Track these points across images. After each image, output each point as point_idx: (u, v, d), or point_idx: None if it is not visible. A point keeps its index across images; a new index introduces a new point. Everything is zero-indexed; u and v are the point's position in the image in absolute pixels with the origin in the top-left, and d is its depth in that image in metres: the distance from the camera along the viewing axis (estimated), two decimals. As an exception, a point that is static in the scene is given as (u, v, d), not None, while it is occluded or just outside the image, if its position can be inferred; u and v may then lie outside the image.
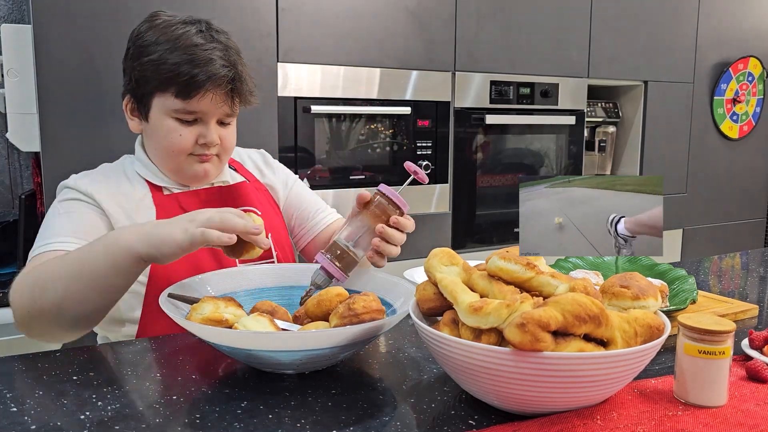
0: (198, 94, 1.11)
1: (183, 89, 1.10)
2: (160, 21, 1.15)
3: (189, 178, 1.21)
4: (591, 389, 0.72)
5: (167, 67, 1.10)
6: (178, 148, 1.15)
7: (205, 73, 1.10)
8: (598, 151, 3.06)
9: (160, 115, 1.15)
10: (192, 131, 1.15)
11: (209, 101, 1.13)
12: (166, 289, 0.97)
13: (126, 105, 1.20)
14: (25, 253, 1.87)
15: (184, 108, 1.13)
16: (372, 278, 1.08)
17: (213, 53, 1.12)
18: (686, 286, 1.15)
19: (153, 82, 1.12)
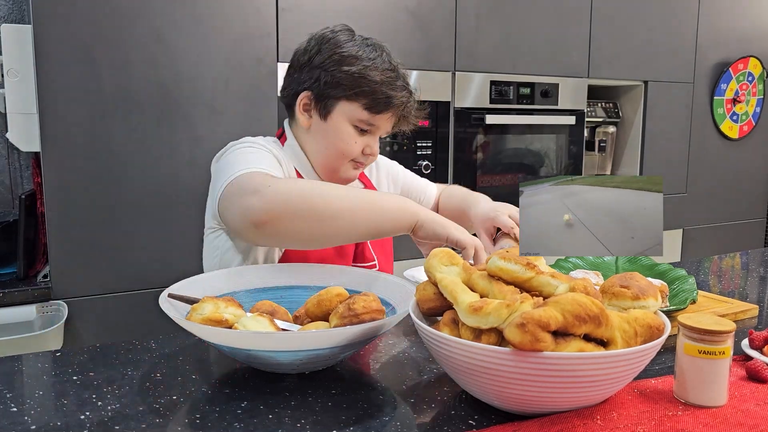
0: (385, 113, 1.25)
1: (375, 105, 1.23)
2: (356, 37, 1.27)
3: (339, 180, 1.30)
4: (591, 389, 0.72)
5: (367, 82, 1.22)
6: (349, 152, 1.26)
7: (398, 97, 1.24)
8: (598, 151, 3.06)
9: (342, 120, 1.25)
10: (363, 140, 1.27)
11: (387, 120, 1.27)
12: (166, 290, 0.97)
13: (301, 100, 1.27)
14: (25, 253, 1.87)
15: (368, 120, 1.25)
16: (372, 278, 1.08)
17: (401, 80, 1.27)
18: (686, 286, 1.15)
19: (347, 90, 1.22)
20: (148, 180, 1.92)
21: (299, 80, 1.28)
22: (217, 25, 1.96)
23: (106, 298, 1.90)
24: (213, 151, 1.98)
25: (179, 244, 1.98)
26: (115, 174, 1.88)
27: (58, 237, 1.82)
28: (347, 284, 1.07)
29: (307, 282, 1.11)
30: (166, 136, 1.93)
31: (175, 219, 1.97)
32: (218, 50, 1.98)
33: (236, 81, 2.02)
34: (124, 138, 1.88)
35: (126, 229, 1.90)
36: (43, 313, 1.83)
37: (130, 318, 1.92)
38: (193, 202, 1.99)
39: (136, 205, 1.91)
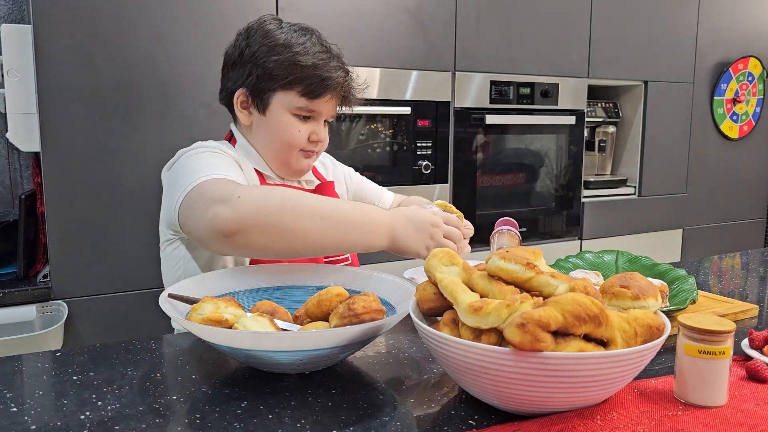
0: (323, 97, 1.22)
1: (311, 90, 1.20)
2: (284, 25, 1.26)
3: (293, 172, 1.29)
4: (591, 389, 0.72)
5: (299, 68, 1.19)
6: (294, 142, 1.24)
7: (334, 79, 1.21)
8: (598, 151, 3.06)
9: (281, 110, 1.23)
10: (307, 128, 1.24)
11: (327, 103, 1.24)
12: (166, 290, 0.97)
13: (237, 97, 1.25)
14: (25, 253, 1.87)
15: (307, 106, 1.22)
16: (372, 278, 1.08)
17: (334, 61, 1.24)
18: (686, 286, 1.15)
19: (280, 80, 1.20)
20: (148, 180, 1.92)
21: (233, 78, 1.25)
22: (217, 25, 1.96)
23: (106, 298, 1.90)
24: (213, 151, 1.99)
25: (179, 244, 1.98)
26: (115, 174, 1.88)
27: (58, 237, 1.82)
28: (347, 284, 1.07)
29: (307, 282, 1.11)
30: (166, 136, 1.93)
31: (175, 219, 1.97)
32: (218, 50, 1.97)
33: (236, 81, 2.02)
34: (124, 138, 1.88)
35: (126, 229, 1.90)
36: (43, 313, 1.83)
37: (130, 318, 1.92)
38: (193, 202, 1.99)
39: (136, 205, 1.91)
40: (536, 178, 2.73)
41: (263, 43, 1.22)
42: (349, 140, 2.27)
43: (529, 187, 2.71)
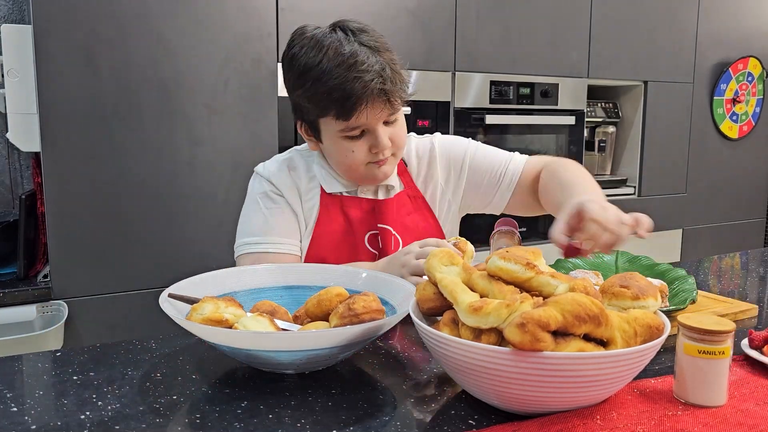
0: (357, 111, 1.15)
1: (342, 112, 1.15)
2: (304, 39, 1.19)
3: (369, 182, 1.27)
4: (591, 389, 0.72)
5: (320, 97, 1.15)
6: (353, 163, 1.21)
7: (356, 91, 1.13)
8: (598, 151, 3.06)
9: (331, 137, 1.20)
10: (363, 144, 1.20)
11: (368, 113, 1.16)
12: (166, 290, 0.97)
13: (300, 126, 1.26)
14: (25, 252, 1.87)
15: (348, 126, 1.17)
16: (372, 278, 1.08)
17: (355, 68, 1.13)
18: (686, 286, 1.15)
19: (313, 110, 1.18)
20: (148, 180, 1.92)
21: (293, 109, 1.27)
22: (217, 25, 1.97)
23: (106, 298, 1.90)
24: (213, 151, 1.99)
25: (179, 244, 1.98)
26: (115, 174, 1.88)
27: (58, 237, 1.82)
28: (347, 284, 1.07)
29: (307, 282, 1.11)
30: (166, 136, 1.93)
31: (175, 219, 1.97)
32: (218, 50, 1.98)
33: (236, 81, 2.02)
34: (124, 138, 1.88)
35: (126, 229, 1.90)
36: (43, 313, 1.83)
37: (130, 318, 1.92)
38: (193, 202, 1.99)
39: (136, 205, 1.91)
40: (536, 178, 2.73)
41: (290, 72, 1.20)
42: (349, 140, 2.27)
43: (529, 187, 2.71)
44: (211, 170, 2.00)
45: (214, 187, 2.01)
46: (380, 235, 1.28)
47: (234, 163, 2.03)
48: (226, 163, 2.02)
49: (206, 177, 2.00)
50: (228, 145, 2.03)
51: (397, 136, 1.22)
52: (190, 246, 1.99)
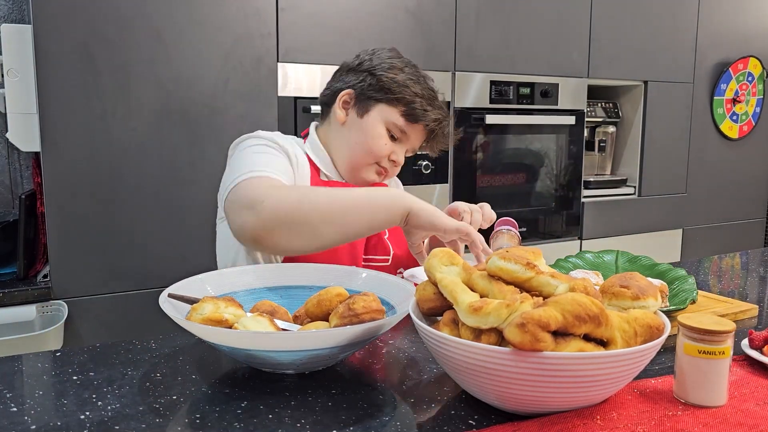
0: (419, 125, 1.32)
1: (412, 114, 1.31)
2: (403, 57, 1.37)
3: (357, 179, 1.35)
4: (591, 389, 0.72)
5: (410, 91, 1.30)
6: (378, 151, 1.31)
7: (434, 113, 1.33)
8: (598, 151, 3.06)
9: (378, 120, 1.31)
10: (392, 146, 1.33)
11: (417, 132, 1.34)
12: (166, 290, 0.97)
13: (342, 97, 1.34)
14: (25, 252, 1.87)
15: (402, 127, 1.32)
16: (372, 278, 1.08)
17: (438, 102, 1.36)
18: (686, 286, 1.15)
19: (390, 93, 1.30)
20: (148, 180, 1.92)
21: (344, 80, 1.36)
22: (217, 25, 1.97)
23: (106, 298, 1.90)
24: (213, 151, 1.99)
25: (179, 244, 1.98)
26: (115, 174, 1.88)
27: (58, 237, 1.82)
28: (347, 284, 1.07)
29: (307, 282, 1.11)
30: (166, 136, 1.94)
31: (175, 219, 1.97)
32: (218, 50, 1.98)
33: (236, 81, 2.02)
34: (124, 138, 1.88)
35: (126, 229, 1.90)
36: (43, 313, 1.83)
37: (130, 318, 1.92)
38: (193, 202, 1.99)
39: (136, 205, 1.91)
40: (536, 178, 2.73)
41: (384, 60, 1.34)
42: (349, 140, 2.27)
43: (529, 187, 2.71)
44: (211, 170, 2.00)
45: (214, 187, 2.01)
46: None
47: (234, 163, 2.03)
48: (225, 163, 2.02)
49: (206, 177, 2.00)
50: (228, 145, 2.02)
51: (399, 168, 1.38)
52: (190, 246, 1.99)
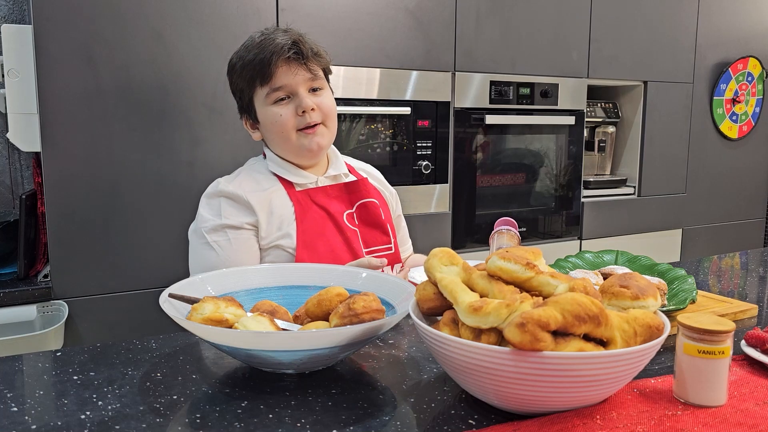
0: (273, 72, 1.30)
1: (262, 75, 1.30)
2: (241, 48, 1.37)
3: (306, 154, 1.36)
4: (591, 389, 0.72)
5: (246, 69, 1.32)
6: (284, 126, 1.33)
7: (270, 52, 1.29)
8: (597, 151, 3.06)
9: (263, 109, 1.35)
10: (289, 107, 1.33)
11: (285, 73, 1.31)
12: (166, 290, 0.97)
13: (245, 123, 1.43)
14: (25, 252, 1.87)
15: (270, 88, 1.31)
16: (372, 278, 1.08)
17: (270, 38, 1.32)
18: (686, 286, 1.15)
19: (246, 90, 1.35)
20: (148, 180, 1.92)
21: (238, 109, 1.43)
22: (217, 25, 1.97)
23: (106, 298, 1.90)
24: (213, 151, 1.99)
25: (179, 244, 1.98)
26: (115, 174, 1.88)
27: (58, 237, 1.82)
28: (347, 284, 1.07)
29: (307, 282, 1.11)
30: (166, 136, 1.94)
31: (175, 219, 1.97)
32: (218, 50, 1.98)
33: (236, 81, 2.02)
34: (124, 138, 1.88)
35: (126, 229, 1.90)
36: (43, 313, 1.83)
37: (130, 318, 1.92)
38: (193, 202, 1.99)
39: (136, 205, 1.91)
40: (536, 178, 2.73)
41: (229, 75, 1.39)
42: (349, 140, 2.27)
43: (529, 187, 2.71)
44: (211, 170, 2.00)
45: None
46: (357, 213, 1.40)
47: (234, 163, 2.02)
48: (226, 163, 2.02)
49: (206, 177, 1.99)
50: (228, 145, 2.03)
51: (323, 104, 1.35)
52: (190, 246, 1.99)
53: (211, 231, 1.30)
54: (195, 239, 1.33)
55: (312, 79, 1.33)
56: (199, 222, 1.33)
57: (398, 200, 1.60)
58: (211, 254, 1.28)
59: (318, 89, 1.35)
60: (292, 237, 1.30)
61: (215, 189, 1.35)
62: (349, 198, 1.40)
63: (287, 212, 1.32)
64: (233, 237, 1.29)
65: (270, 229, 1.31)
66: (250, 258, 1.29)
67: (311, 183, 1.39)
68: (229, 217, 1.30)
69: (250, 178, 1.37)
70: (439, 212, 2.48)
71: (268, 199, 1.33)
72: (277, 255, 1.31)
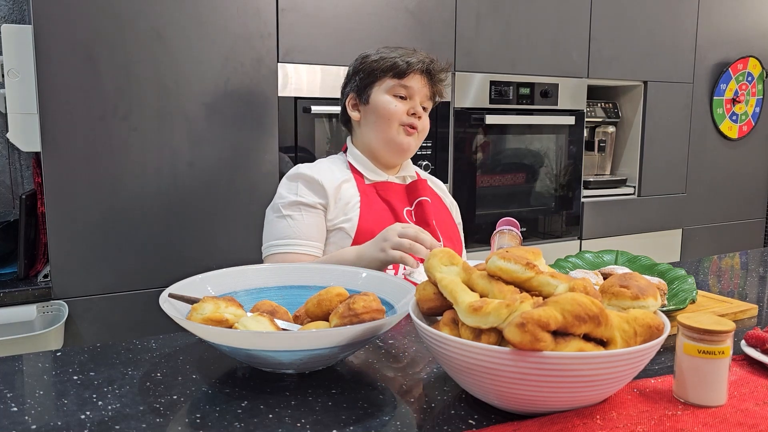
0: (409, 74, 1.48)
1: (399, 71, 1.47)
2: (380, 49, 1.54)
3: (395, 148, 1.50)
4: (591, 389, 0.72)
5: (388, 59, 1.48)
6: (394, 114, 1.48)
7: (415, 60, 1.48)
8: (597, 151, 3.06)
9: (380, 95, 1.49)
10: (403, 104, 1.49)
11: (416, 81, 1.49)
12: (166, 289, 0.97)
13: (348, 103, 1.55)
14: (25, 252, 1.87)
15: (399, 83, 1.48)
16: (372, 278, 1.08)
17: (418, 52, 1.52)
18: (686, 286, 1.15)
19: (376, 72, 1.49)
20: (148, 180, 1.92)
21: (344, 92, 1.57)
22: (217, 25, 1.97)
23: (106, 298, 1.90)
24: (213, 151, 1.99)
25: (179, 244, 1.98)
26: (115, 174, 1.88)
27: (58, 237, 1.82)
28: (347, 284, 1.07)
29: (307, 282, 1.11)
30: (166, 136, 1.94)
31: (176, 219, 1.97)
32: (218, 50, 1.98)
33: (236, 81, 2.02)
34: (124, 138, 1.88)
35: (126, 229, 1.90)
36: (43, 313, 1.83)
37: (130, 318, 1.92)
38: (193, 202, 1.99)
39: (137, 205, 1.91)
40: (536, 178, 2.73)
41: (361, 59, 1.53)
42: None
43: (529, 187, 2.71)
44: (211, 170, 2.01)
45: (214, 187, 2.01)
46: (415, 211, 1.52)
47: (234, 163, 2.03)
48: (226, 163, 2.02)
49: (206, 177, 2.00)
50: (228, 145, 2.03)
51: (425, 120, 1.53)
52: (190, 246, 1.99)
53: (287, 206, 1.45)
54: (271, 213, 1.48)
55: (429, 99, 1.52)
56: (277, 199, 1.49)
57: (458, 211, 1.72)
58: (284, 225, 1.43)
59: (426, 108, 1.53)
60: (353, 222, 1.43)
61: (296, 172, 1.49)
62: (409, 196, 1.54)
63: (354, 200, 1.46)
64: (306, 213, 1.44)
65: (336, 213, 1.45)
66: (318, 233, 1.44)
67: (381, 179, 1.53)
68: (304, 196, 1.45)
69: (327, 167, 1.51)
70: (439, 212, 2.47)
71: (339, 186, 1.46)
72: (340, 237, 1.44)
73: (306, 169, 1.49)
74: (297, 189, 1.47)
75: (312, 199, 1.45)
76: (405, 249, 1.22)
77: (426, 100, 1.52)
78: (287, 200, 1.46)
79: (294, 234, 1.42)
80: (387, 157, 1.53)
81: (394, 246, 1.22)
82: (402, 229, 1.24)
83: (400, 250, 1.22)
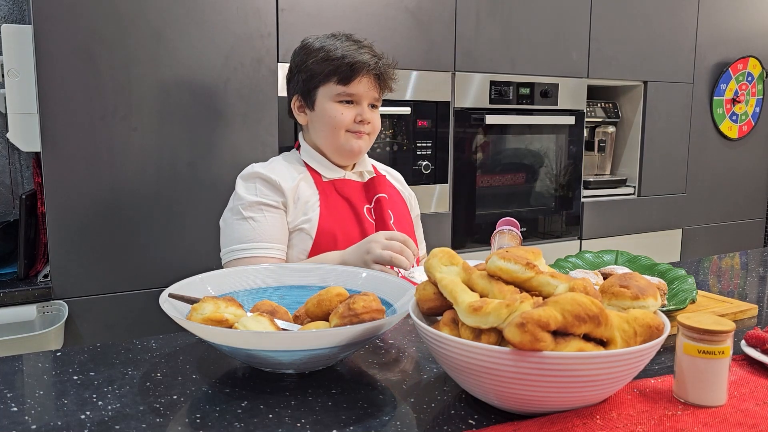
0: (356, 79, 1.42)
1: (344, 76, 1.42)
2: (319, 36, 1.48)
3: (346, 153, 1.48)
4: (591, 389, 0.72)
5: (331, 61, 1.42)
6: (340, 123, 1.44)
7: (362, 61, 1.42)
8: (597, 151, 3.06)
9: (325, 101, 1.45)
10: (351, 111, 1.45)
11: (363, 85, 1.44)
12: (166, 289, 0.97)
13: (294, 104, 1.51)
14: (25, 252, 1.87)
15: (344, 91, 1.43)
16: (372, 278, 1.08)
17: (364, 50, 1.44)
18: (686, 286, 1.15)
19: (319, 75, 1.43)
20: (148, 180, 1.92)
21: (289, 91, 1.52)
22: (218, 25, 1.97)
23: (106, 298, 1.90)
24: (213, 151, 1.99)
25: (179, 244, 1.98)
26: (115, 174, 1.88)
27: (58, 237, 1.82)
28: (347, 284, 1.07)
29: (307, 282, 1.11)
30: (166, 136, 1.94)
31: (175, 219, 1.97)
32: (218, 50, 1.98)
33: (236, 81, 2.02)
34: (124, 138, 1.88)
35: (126, 229, 1.90)
36: (43, 313, 1.83)
37: (130, 318, 1.92)
38: (193, 202, 1.99)
39: (136, 205, 1.91)
40: (536, 178, 2.73)
41: (302, 53, 1.47)
42: (349, 140, 2.27)
43: (529, 187, 2.71)
44: (211, 170, 2.01)
45: (213, 187, 2.01)
46: (374, 208, 1.50)
47: (234, 163, 2.03)
48: (225, 163, 2.02)
49: (206, 177, 2.00)
50: (228, 145, 2.03)
51: (375, 120, 1.49)
52: (190, 246, 1.99)
53: (248, 207, 1.40)
54: (230, 216, 1.43)
55: (376, 99, 1.49)
56: (236, 200, 1.43)
57: (416, 201, 1.70)
58: (246, 228, 1.39)
59: (375, 106, 1.50)
60: (313, 222, 1.41)
61: (251, 171, 1.45)
62: (368, 194, 1.51)
63: (312, 199, 1.44)
64: (267, 213, 1.40)
65: (296, 213, 1.42)
66: (280, 234, 1.40)
67: (338, 176, 1.50)
68: (265, 195, 1.41)
69: (282, 165, 1.48)
70: (439, 212, 2.48)
71: (297, 186, 1.44)
72: (301, 238, 1.41)
73: (261, 169, 1.45)
74: (256, 189, 1.42)
75: (273, 199, 1.41)
76: (386, 262, 1.22)
77: (374, 100, 1.48)
78: (247, 201, 1.41)
79: (257, 237, 1.38)
80: (338, 161, 1.51)
81: (376, 259, 1.22)
82: (386, 240, 1.24)
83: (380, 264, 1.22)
